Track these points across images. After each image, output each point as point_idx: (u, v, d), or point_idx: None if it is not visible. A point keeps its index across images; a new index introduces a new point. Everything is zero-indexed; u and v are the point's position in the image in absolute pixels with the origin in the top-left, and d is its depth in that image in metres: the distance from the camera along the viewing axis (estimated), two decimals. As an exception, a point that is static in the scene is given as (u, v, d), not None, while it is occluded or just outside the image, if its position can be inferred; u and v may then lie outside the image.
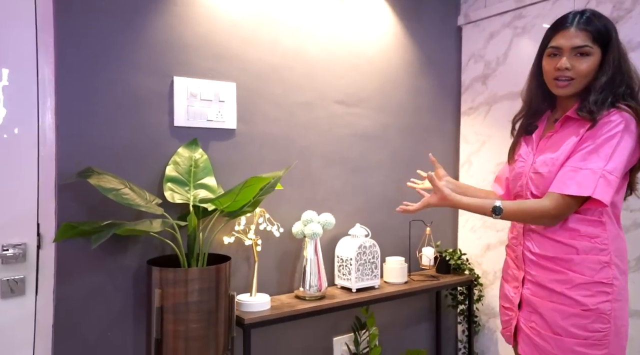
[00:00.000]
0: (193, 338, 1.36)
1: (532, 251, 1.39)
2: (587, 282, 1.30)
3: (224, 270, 1.42)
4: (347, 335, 2.07)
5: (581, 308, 1.29)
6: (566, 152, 1.32)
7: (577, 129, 1.33)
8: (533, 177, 1.39)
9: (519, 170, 1.46)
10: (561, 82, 1.35)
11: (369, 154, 2.14)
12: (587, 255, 1.30)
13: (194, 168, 1.60)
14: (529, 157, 1.44)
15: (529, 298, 1.39)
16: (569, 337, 1.30)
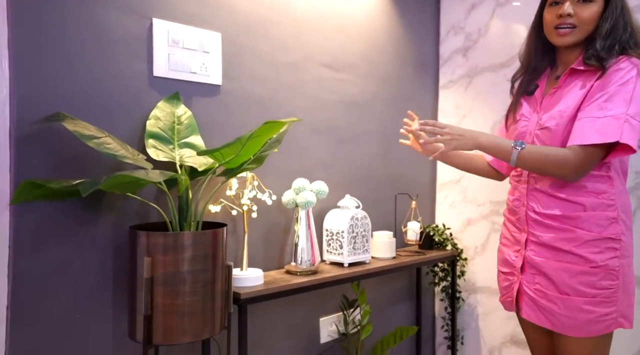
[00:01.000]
0: (188, 313, 1.16)
1: (536, 211, 1.35)
2: (595, 238, 1.26)
3: (221, 236, 1.24)
4: (335, 315, 1.94)
5: (590, 265, 1.26)
6: (575, 103, 1.28)
7: (584, 81, 1.29)
8: (539, 133, 1.34)
9: (523, 130, 1.41)
10: (562, 30, 1.31)
11: (355, 124, 2.02)
12: (594, 212, 1.27)
13: (177, 125, 1.39)
14: (532, 116, 1.40)
15: (533, 260, 1.35)
16: (578, 296, 1.26)
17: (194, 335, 1.18)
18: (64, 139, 1.22)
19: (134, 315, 1.18)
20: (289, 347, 1.78)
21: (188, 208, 1.23)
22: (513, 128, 1.47)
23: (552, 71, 1.45)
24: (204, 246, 1.19)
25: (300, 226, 1.63)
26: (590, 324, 1.24)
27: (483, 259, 2.24)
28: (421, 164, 2.37)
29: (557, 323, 1.29)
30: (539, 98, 1.40)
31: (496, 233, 2.19)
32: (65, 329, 1.23)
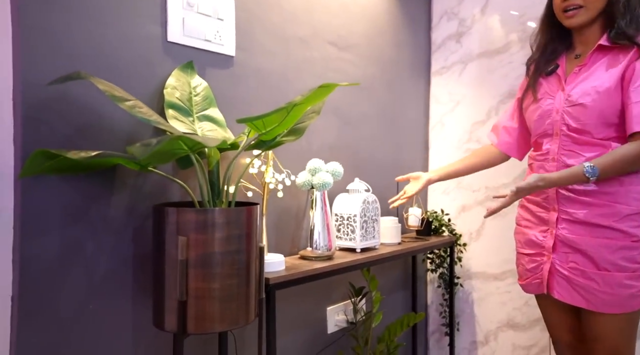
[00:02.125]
0: (224, 299, 1.05)
1: (569, 189, 1.34)
2: (634, 212, 1.28)
3: (255, 215, 1.13)
4: (341, 304, 1.86)
5: (631, 239, 1.27)
6: (611, 80, 1.28)
7: (615, 56, 1.31)
8: (570, 110, 1.34)
9: (548, 108, 1.41)
10: (570, 12, 1.33)
11: (357, 106, 1.96)
12: (630, 186, 1.29)
13: (194, 96, 1.27)
14: (557, 94, 1.40)
15: (567, 237, 1.34)
16: (619, 271, 1.27)
17: (229, 322, 1.06)
18: (75, 106, 1.07)
19: (162, 302, 1.05)
20: (296, 339, 1.68)
21: (219, 185, 1.11)
22: (534, 108, 1.46)
23: (570, 51, 1.45)
24: (238, 225, 1.08)
25: (315, 209, 1.55)
26: (630, 299, 1.25)
27: (478, 245, 2.25)
28: (414, 151, 2.35)
29: (594, 300, 1.29)
30: (563, 76, 1.40)
31: (491, 219, 2.20)
32: (78, 321, 1.08)
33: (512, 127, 1.61)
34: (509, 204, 1.31)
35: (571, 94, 1.34)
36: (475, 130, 2.26)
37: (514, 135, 1.61)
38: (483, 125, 2.23)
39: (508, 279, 2.16)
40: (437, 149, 2.40)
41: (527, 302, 2.11)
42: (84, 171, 1.07)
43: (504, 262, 2.17)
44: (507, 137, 1.62)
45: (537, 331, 2.08)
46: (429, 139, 2.43)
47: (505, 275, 2.17)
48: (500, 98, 2.18)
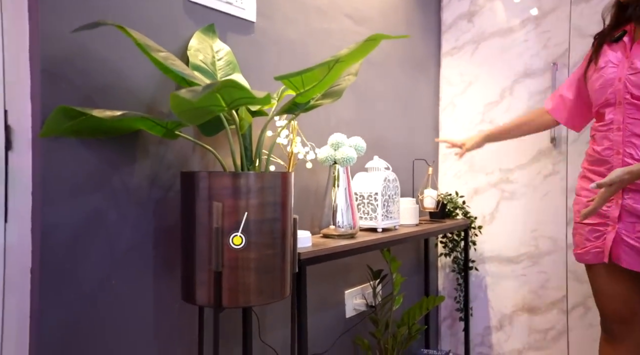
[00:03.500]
0: (262, 270, 0.97)
1: (635, 157, 1.31)
2: None
3: (289, 181, 1.06)
4: (358, 288, 1.80)
5: None
6: None
7: None
8: (633, 78, 1.31)
9: (611, 76, 1.37)
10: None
11: (372, 83, 1.90)
12: None
13: (217, 60, 1.19)
14: (622, 61, 1.36)
15: (634, 207, 1.32)
16: None
17: (266, 296, 0.99)
18: (95, 63, 0.98)
19: (192, 274, 0.97)
20: (315, 323, 1.61)
21: (252, 150, 1.03)
22: (597, 76, 1.41)
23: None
24: (274, 192, 1.00)
25: (338, 185, 1.48)
26: None
27: (492, 228, 2.21)
28: (425, 133, 2.30)
29: None
30: (628, 44, 1.36)
31: (506, 201, 2.16)
32: (99, 296, 0.99)
33: (568, 97, 1.59)
34: (602, 204, 1.27)
35: (634, 61, 1.31)
36: (488, 112, 2.22)
37: (568, 105, 1.60)
38: (497, 106, 2.19)
39: (523, 262, 2.12)
40: (448, 131, 2.35)
41: (543, 284, 2.07)
42: (105, 135, 0.98)
43: (520, 245, 2.13)
44: (562, 105, 1.61)
45: (555, 314, 2.04)
46: (440, 121, 2.38)
47: (521, 258, 2.13)
48: (514, 78, 2.14)
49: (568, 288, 2.01)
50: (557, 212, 2.03)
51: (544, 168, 2.07)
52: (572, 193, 1.99)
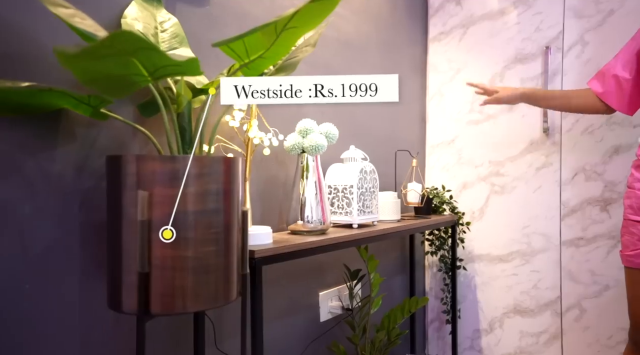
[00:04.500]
0: (200, 270, 0.83)
1: None
2: None
3: (235, 167, 0.91)
4: (335, 289, 1.66)
5: None
6: None
7: None
8: None
9: None
10: None
11: (351, 67, 1.75)
12: None
13: (160, 32, 1.04)
14: None
15: None
16: None
17: (205, 301, 0.85)
18: (3, 30, 0.84)
19: (118, 277, 0.83)
20: (285, 327, 1.47)
21: (191, 131, 0.89)
22: None
23: None
24: (215, 178, 0.86)
25: (307, 177, 1.34)
26: None
27: (481, 225, 2.07)
28: (411, 123, 2.16)
29: None
30: None
31: (496, 195, 2.03)
32: (9, 304, 0.85)
33: (625, 77, 1.35)
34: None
35: None
36: (477, 100, 2.06)
37: (625, 87, 1.36)
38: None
39: (515, 261, 1.98)
40: (435, 121, 2.21)
41: (535, 285, 1.93)
42: (14, 113, 0.84)
43: (510, 243, 1.99)
44: (617, 88, 1.37)
45: (547, 316, 1.90)
46: (427, 110, 2.24)
47: (512, 256, 1.99)
48: (505, 63, 2.00)
49: (562, 288, 1.87)
50: (550, 207, 1.89)
51: (536, 160, 1.93)
52: (567, 186, 1.86)
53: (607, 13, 1.76)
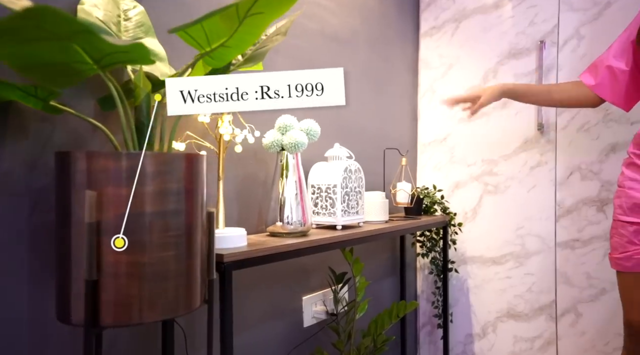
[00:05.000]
0: (158, 276, 0.76)
1: None
2: None
3: (198, 165, 0.85)
4: (319, 293, 1.59)
5: None
6: None
7: None
8: None
9: None
10: None
11: (337, 62, 1.68)
12: None
13: (123, 20, 0.97)
14: None
15: None
16: None
17: (163, 310, 0.78)
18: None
19: (67, 286, 0.76)
20: (266, 333, 1.40)
21: (149, 126, 0.82)
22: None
23: None
24: (175, 177, 0.79)
25: (287, 176, 1.27)
26: None
27: (474, 226, 2.00)
28: (401, 120, 2.09)
29: None
30: None
31: (490, 195, 1.96)
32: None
33: (620, 68, 1.26)
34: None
35: None
36: (470, 97, 2.00)
37: (620, 78, 1.26)
38: (479, 90, 1.98)
39: (508, 263, 1.92)
40: (427, 118, 2.14)
41: (530, 288, 1.86)
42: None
43: (504, 244, 1.92)
44: (611, 79, 1.28)
45: (542, 321, 1.84)
46: (418, 107, 2.17)
47: (505, 258, 1.92)
48: (498, 59, 1.93)
49: (557, 292, 1.80)
50: (545, 208, 1.82)
51: (530, 158, 1.86)
52: (562, 186, 1.79)
53: (603, 6, 1.69)
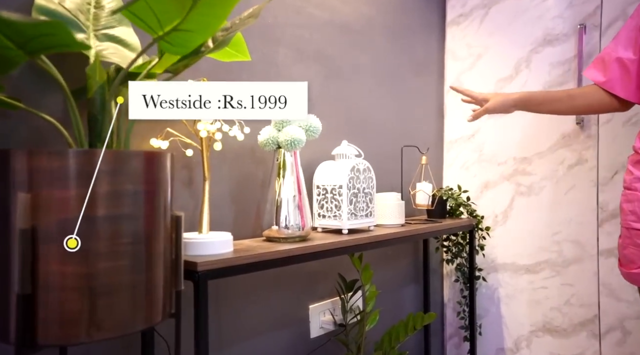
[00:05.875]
0: (105, 290, 0.68)
1: None
2: None
3: (161, 164, 0.76)
4: (328, 301, 1.48)
5: None
6: None
7: None
8: None
9: None
10: None
11: (349, 54, 1.57)
12: None
13: (94, 8, 0.90)
14: None
15: None
16: None
17: (115, 327, 0.70)
18: None
19: (6, 300, 0.69)
20: (269, 345, 1.31)
21: (103, 121, 0.74)
22: None
23: None
24: (131, 177, 0.71)
25: (284, 175, 1.17)
26: None
27: (505, 230, 1.83)
28: (426, 117, 1.94)
29: None
30: None
31: (522, 197, 1.78)
32: None
33: (630, 58, 1.12)
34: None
35: None
36: (500, 89, 1.83)
37: (631, 69, 1.12)
38: (511, 82, 1.81)
39: (544, 272, 1.73)
40: (453, 113, 1.99)
41: (568, 300, 1.68)
42: None
43: (538, 251, 1.74)
44: (622, 72, 1.13)
45: (583, 338, 1.64)
46: (444, 102, 2.02)
47: (540, 266, 1.74)
48: (532, 46, 1.75)
49: (600, 306, 1.61)
50: (585, 211, 1.63)
51: (568, 156, 1.67)
52: (605, 187, 1.59)
53: (654, -19, 1.49)
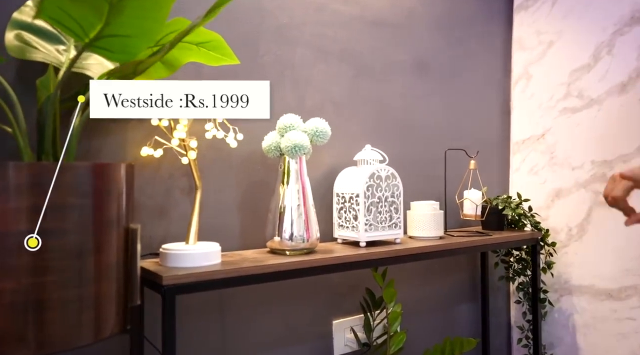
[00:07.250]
0: (38, 306, 0.67)
1: None
2: None
3: (112, 176, 0.74)
4: (356, 317, 1.37)
5: None
6: None
7: None
8: None
9: None
10: None
11: (383, 51, 1.45)
12: None
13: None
14: None
15: None
16: None
17: (52, 343, 0.69)
18: None
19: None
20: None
21: (54, 131, 0.74)
22: None
23: None
24: (75, 190, 0.70)
25: (287, 183, 1.10)
26: None
27: (581, 246, 1.56)
28: (486, 114, 1.73)
29: None
30: None
31: (602, 208, 1.50)
32: None
33: None
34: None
35: None
36: (575, 81, 1.56)
37: None
38: (588, 72, 1.53)
39: (631, 299, 1.44)
40: (520, 110, 1.74)
41: (659, 336, 1.37)
42: None
43: (624, 274, 1.45)
44: None
45: (677, 384, 1.33)
46: (511, 98, 1.78)
47: (626, 292, 1.45)
48: (615, 27, 1.47)
49: (701, 346, 1.28)
50: (680, 227, 1.31)
51: (659, 159, 1.37)
52: None
53: None
